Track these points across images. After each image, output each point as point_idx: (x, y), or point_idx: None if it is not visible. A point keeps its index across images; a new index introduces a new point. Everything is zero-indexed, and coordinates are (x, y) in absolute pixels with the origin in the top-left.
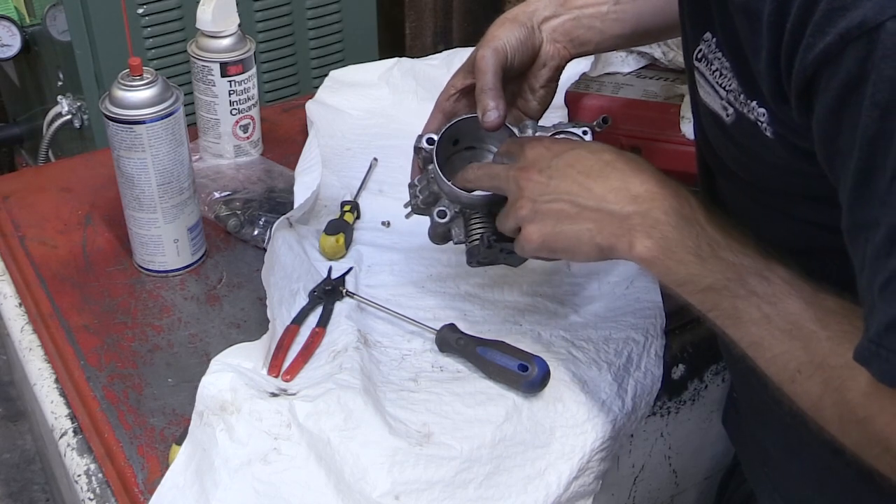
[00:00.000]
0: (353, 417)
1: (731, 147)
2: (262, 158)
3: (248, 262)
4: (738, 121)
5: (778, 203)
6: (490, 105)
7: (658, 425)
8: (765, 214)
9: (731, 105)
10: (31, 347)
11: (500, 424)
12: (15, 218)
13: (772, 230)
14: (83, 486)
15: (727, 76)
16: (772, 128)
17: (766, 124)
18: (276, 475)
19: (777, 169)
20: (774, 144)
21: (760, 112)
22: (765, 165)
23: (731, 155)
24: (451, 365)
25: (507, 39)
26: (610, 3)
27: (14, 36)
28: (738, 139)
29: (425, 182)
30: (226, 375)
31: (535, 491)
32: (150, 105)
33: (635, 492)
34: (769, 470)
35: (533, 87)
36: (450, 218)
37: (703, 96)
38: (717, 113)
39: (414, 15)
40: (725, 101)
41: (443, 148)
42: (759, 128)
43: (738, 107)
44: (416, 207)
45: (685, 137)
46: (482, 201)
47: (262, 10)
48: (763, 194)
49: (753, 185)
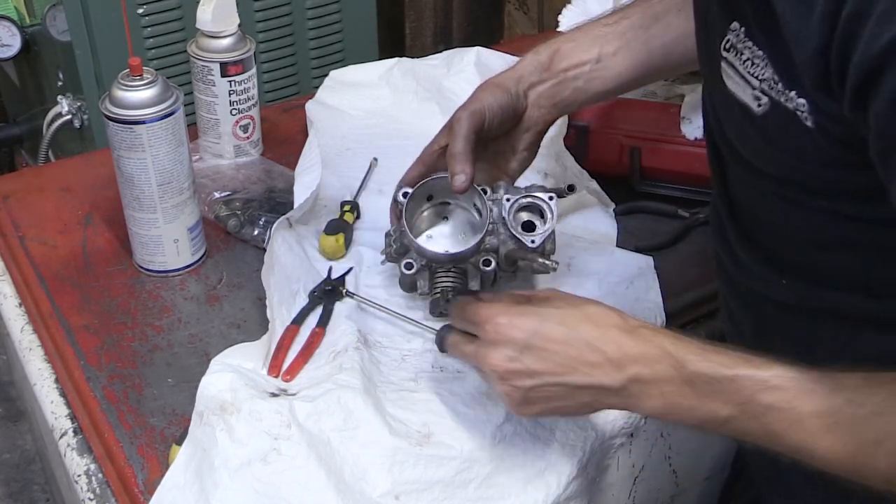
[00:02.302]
0: (353, 417)
1: (757, 139)
2: (262, 158)
3: (248, 262)
4: (771, 110)
5: (800, 195)
6: (457, 170)
7: (658, 425)
8: (784, 207)
9: (764, 94)
10: (31, 347)
11: (500, 425)
12: (15, 218)
13: (790, 223)
14: (83, 486)
15: (760, 65)
16: (813, 117)
17: (807, 114)
18: (277, 475)
19: (808, 160)
20: (814, 134)
21: (800, 102)
22: (794, 157)
23: (754, 147)
24: (451, 365)
25: (488, 104)
26: (592, 61)
27: (14, 36)
28: (768, 130)
29: (398, 233)
30: (226, 376)
31: (535, 491)
32: (150, 105)
33: (635, 492)
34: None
35: (515, 147)
36: (416, 270)
37: (732, 87)
38: (745, 104)
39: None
40: (758, 91)
41: (416, 203)
42: (798, 118)
43: (773, 96)
44: (390, 256)
45: (685, 137)
46: (446, 258)
47: (262, 10)
48: (784, 187)
49: (774, 177)
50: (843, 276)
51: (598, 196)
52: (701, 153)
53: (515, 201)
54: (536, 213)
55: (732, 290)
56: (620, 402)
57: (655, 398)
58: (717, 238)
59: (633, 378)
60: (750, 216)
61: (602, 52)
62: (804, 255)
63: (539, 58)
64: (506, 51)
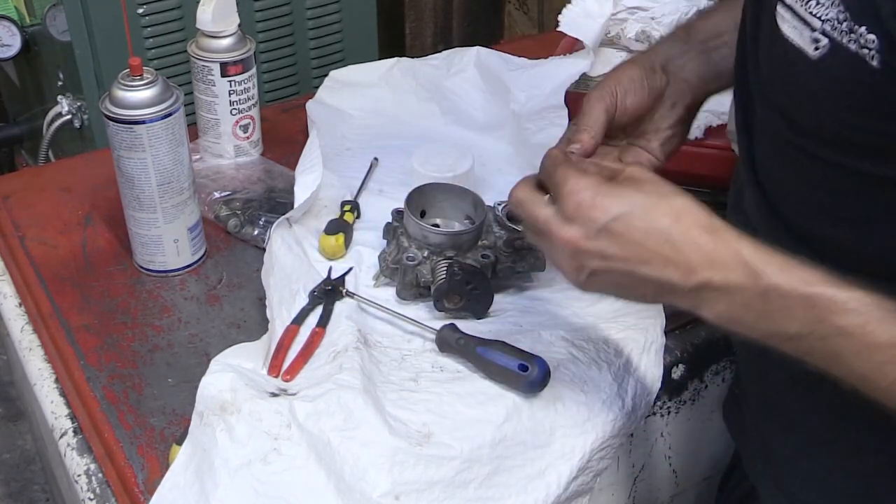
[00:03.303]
0: (354, 417)
1: (809, 86)
2: (262, 158)
3: (248, 262)
4: (830, 53)
5: (839, 155)
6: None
7: (658, 425)
8: (816, 171)
9: (825, 36)
10: (31, 347)
11: (501, 424)
12: (15, 218)
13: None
14: (83, 486)
15: (825, 4)
16: (881, 56)
17: (875, 52)
18: (276, 475)
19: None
20: (881, 77)
21: (870, 38)
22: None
23: (802, 97)
24: (451, 365)
25: (617, 80)
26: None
27: (14, 36)
28: (823, 75)
29: (394, 244)
30: (226, 376)
31: (535, 491)
32: (150, 105)
33: (635, 492)
34: (772, 467)
35: (659, 126)
36: (418, 262)
37: (787, 31)
38: (800, 49)
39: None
40: (819, 32)
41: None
42: (863, 59)
43: (835, 36)
44: (385, 269)
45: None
46: (447, 240)
47: (262, 10)
48: (824, 145)
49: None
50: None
51: None
52: (701, 153)
53: (506, 205)
54: None
55: None
56: (685, 303)
57: (722, 305)
58: (733, 214)
59: (704, 283)
60: (774, 179)
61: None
62: (825, 230)
63: (674, 35)
64: (506, 51)
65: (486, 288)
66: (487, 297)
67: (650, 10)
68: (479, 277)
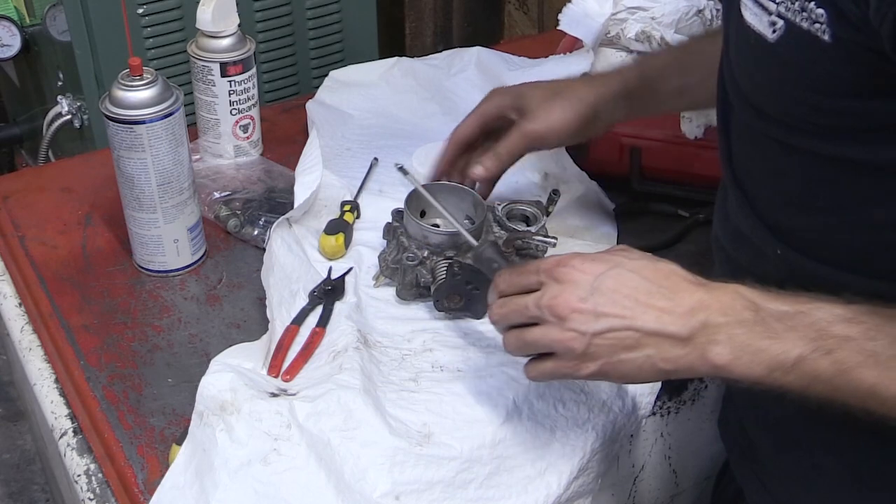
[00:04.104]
0: (354, 418)
1: (770, 70)
2: (262, 158)
3: (248, 262)
4: (786, 34)
5: (804, 139)
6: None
7: (658, 425)
8: (785, 160)
9: (780, 18)
10: (31, 347)
11: (501, 424)
12: (15, 218)
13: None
14: (83, 486)
15: None
16: (831, 30)
17: (826, 26)
18: (277, 476)
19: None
20: (832, 51)
21: (819, 14)
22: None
23: (764, 82)
24: (451, 365)
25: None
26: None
27: (14, 36)
28: (782, 57)
29: (394, 244)
30: (226, 376)
31: (536, 491)
32: (150, 105)
33: (635, 492)
34: (757, 466)
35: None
36: (418, 262)
37: (749, 19)
38: (760, 34)
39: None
40: (775, 15)
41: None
42: (815, 36)
43: (789, 17)
44: (385, 269)
45: (685, 137)
46: (448, 240)
47: (262, 10)
48: (790, 132)
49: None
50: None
51: (598, 196)
52: (701, 153)
53: (506, 205)
54: (523, 223)
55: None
56: (685, 356)
57: (723, 344)
58: (718, 215)
59: (703, 324)
60: (750, 177)
61: (684, 83)
62: (801, 222)
63: (627, 84)
64: (506, 51)
65: (486, 288)
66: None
67: (650, 10)
68: (479, 277)
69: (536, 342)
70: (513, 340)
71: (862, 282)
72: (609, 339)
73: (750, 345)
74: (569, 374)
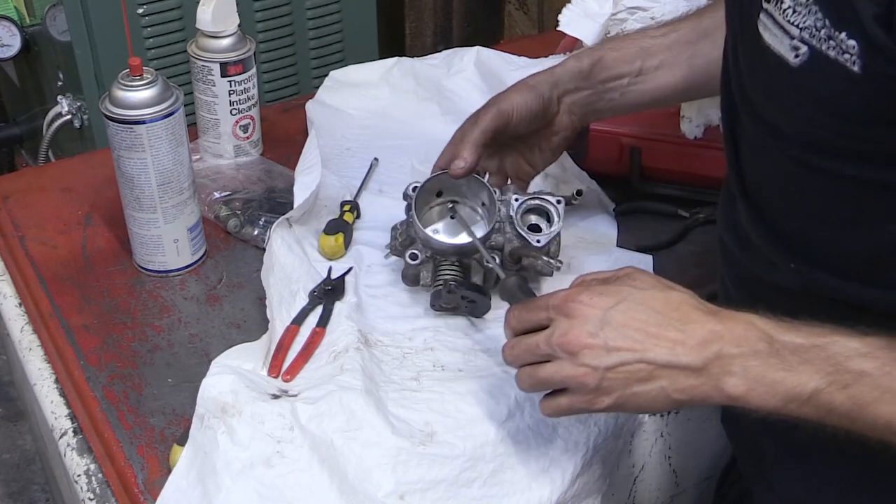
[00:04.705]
0: (356, 418)
1: (793, 94)
2: (262, 158)
3: (248, 262)
4: (810, 61)
5: (822, 160)
6: (462, 154)
7: (658, 425)
8: (800, 176)
9: (804, 44)
10: (31, 347)
11: (503, 422)
12: (15, 218)
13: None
14: (83, 486)
15: (801, 12)
16: (862, 61)
17: (856, 57)
18: (280, 478)
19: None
20: (861, 82)
21: (850, 45)
22: (828, 111)
23: (784, 104)
24: (452, 364)
25: (517, 105)
26: (632, 74)
27: (14, 36)
28: (805, 82)
29: (405, 226)
30: (226, 378)
31: (540, 488)
32: (150, 105)
33: (635, 492)
34: (765, 470)
35: (542, 147)
36: (420, 261)
37: (769, 39)
38: (781, 56)
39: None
40: (798, 40)
41: (424, 197)
42: (843, 65)
43: (814, 44)
44: (395, 248)
45: (685, 137)
46: (452, 249)
47: (262, 10)
48: (807, 151)
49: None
50: (851, 260)
51: (598, 196)
52: (701, 153)
53: (524, 202)
54: (543, 216)
55: (735, 276)
56: (699, 386)
57: (738, 376)
58: (724, 221)
59: (717, 355)
60: (762, 189)
61: (644, 66)
62: (815, 236)
63: (580, 65)
64: (506, 51)
65: (483, 300)
66: (485, 306)
67: (650, 10)
68: (478, 291)
69: (550, 379)
70: (526, 378)
71: (876, 293)
72: (622, 373)
73: (765, 376)
74: (584, 408)
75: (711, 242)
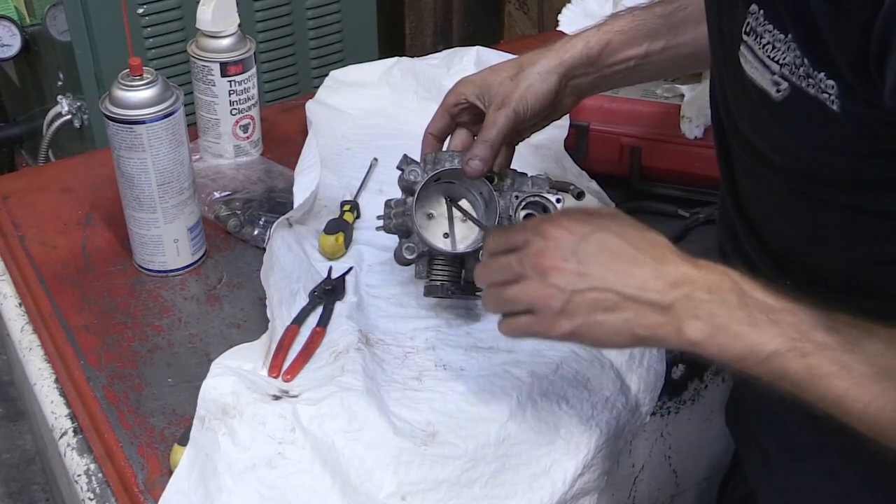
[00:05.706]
0: (357, 419)
1: (774, 127)
2: (262, 158)
3: (248, 262)
4: (791, 96)
5: (811, 188)
6: (480, 155)
7: (658, 425)
8: (793, 202)
9: (784, 80)
10: (31, 347)
11: (505, 422)
12: (15, 218)
13: (798, 218)
14: (83, 486)
15: (781, 49)
16: (840, 101)
17: (835, 97)
18: (282, 479)
19: (827, 149)
20: (840, 120)
21: (829, 84)
22: (812, 145)
23: (769, 136)
24: (454, 363)
25: (531, 105)
26: (638, 57)
27: (14, 36)
28: (787, 117)
29: (401, 209)
30: (227, 379)
31: (541, 488)
32: (150, 105)
33: (635, 492)
34: (770, 471)
35: (538, 124)
36: (416, 255)
37: (750, 72)
38: (764, 90)
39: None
40: (778, 76)
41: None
42: (823, 103)
43: (794, 80)
44: (388, 227)
45: (685, 137)
46: (451, 253)
47: (262, 10)
48: (796, 179)
49: (787, 168)
50: (847, 278)
51: (598, 196)
52: (701, 153)
53: (523, 199)
54: (540, 210)
55: None
56: (663, 324)
57: (702, 321)
58: (724, 232)
59: (686, 296)
60: (757, 211)
61: (650, 49)
62: (809, 254)
63: (589, 50)
64: (506, 51)
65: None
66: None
67: None
68: (473, 289)
69: (516, 298)
70: (493, 297)
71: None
72: (588, 299)
73: (729, 327)
74: (542, 331)
75: (711, 242)
